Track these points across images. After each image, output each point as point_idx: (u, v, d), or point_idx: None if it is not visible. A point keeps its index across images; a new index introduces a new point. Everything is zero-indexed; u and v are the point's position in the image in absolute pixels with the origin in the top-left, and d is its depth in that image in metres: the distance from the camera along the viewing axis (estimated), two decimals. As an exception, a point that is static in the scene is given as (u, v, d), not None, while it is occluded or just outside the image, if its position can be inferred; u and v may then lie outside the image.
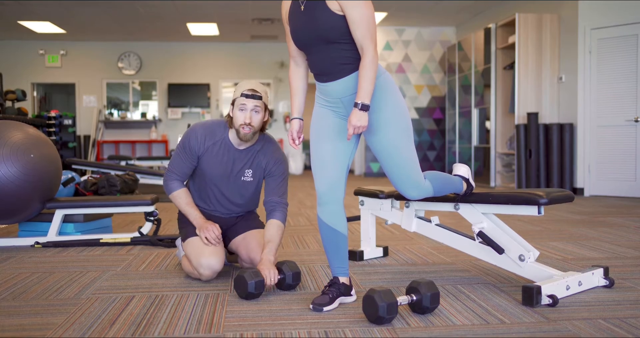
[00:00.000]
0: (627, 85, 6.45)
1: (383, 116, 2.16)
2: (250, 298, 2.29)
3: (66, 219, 3.84)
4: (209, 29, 10.64)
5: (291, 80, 2.35)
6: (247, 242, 2.72)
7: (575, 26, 6.81)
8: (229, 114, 2.62)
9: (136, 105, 12.34)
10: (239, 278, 2.30)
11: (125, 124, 12.17)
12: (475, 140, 8.49)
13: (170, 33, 11.12)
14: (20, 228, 3.87)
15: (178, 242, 2.99)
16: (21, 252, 3.46)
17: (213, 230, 2.59)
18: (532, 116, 6.91)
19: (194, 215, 2.68)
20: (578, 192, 6.79)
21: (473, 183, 2.62)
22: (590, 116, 6.73)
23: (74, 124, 9.47)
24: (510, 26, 7.53)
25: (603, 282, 2.48)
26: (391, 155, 2.20)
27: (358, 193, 3.16)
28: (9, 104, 8.50)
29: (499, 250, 2.48)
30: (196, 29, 10.63)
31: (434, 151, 10.78)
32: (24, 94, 8.42)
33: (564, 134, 6.81)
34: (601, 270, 2.51)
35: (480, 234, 2.54)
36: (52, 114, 8.89)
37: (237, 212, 2.84)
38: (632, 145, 6.40)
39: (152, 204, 3.77)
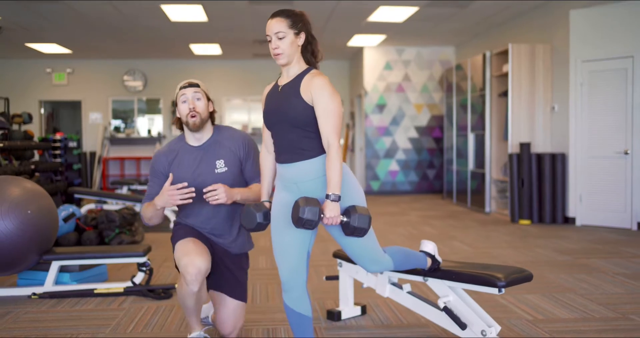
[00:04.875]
0: (617, 118, 6.54)
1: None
2: (259, 229, 2.44)
3: (62, 269, 4.02)
4: (212, 49, 10.83)
5: (261, 165, 2.55)
6: (220, 306, 2.78)
7: (567, 58, 6.90)
8: (177, 117, 2.76)
9: (141, 121, 12.55)
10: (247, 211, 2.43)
11: (130, 141, 12.38)
12: (471, 165, 8.59)
13: (174, 52, 11.31)
14: (19, 277, 4.05)
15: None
16: (19, 304, 3.64)
17: (170, 191, 2.53)
18: (525, 146, 7.02)
19: (155, 202, 2.63)
20: (570, 221, 6.89)
21: (439, 259, 2.76)
22: (581, 147, 6.83)
23: (79, 146, 9.70)
24: (504, 54, 7.62)
25: (561, 357, 2.61)
26: (348, 240, 2.38)
27: (337, 256, 3.30)
28: (15, 127, 8.72)
29: (462, 326, 2.63)
30: (199, 49, 10.82)
31: (433, 169, 10.90)
32: (30, 117, 8.63)
33: (556, 163, 6.92)
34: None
35: (445, 309, 2.68)
36: (58, 136, 9.11)
37: (223, 222, 2.78)
38: (622, 177, 6.49)
39: (144, 255, 3.94)
